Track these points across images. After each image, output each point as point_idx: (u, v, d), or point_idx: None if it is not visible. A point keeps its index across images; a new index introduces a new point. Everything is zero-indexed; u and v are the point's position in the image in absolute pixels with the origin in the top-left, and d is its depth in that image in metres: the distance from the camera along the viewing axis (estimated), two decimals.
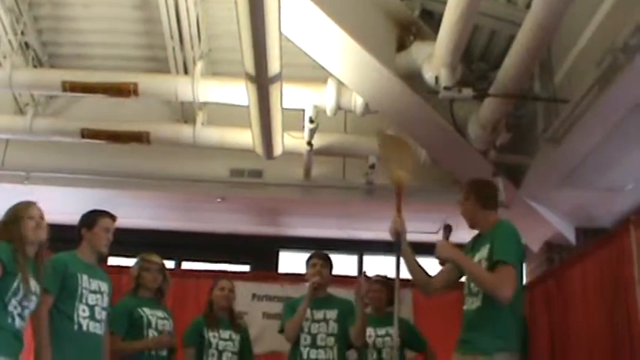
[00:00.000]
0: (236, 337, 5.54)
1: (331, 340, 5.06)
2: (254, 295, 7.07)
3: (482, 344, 3.80)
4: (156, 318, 5.13)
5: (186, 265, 8.32)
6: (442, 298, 5.00)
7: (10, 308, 3.78)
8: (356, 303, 5.11)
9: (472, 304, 3.98)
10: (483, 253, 3.96)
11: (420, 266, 4.34)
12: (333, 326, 5.09)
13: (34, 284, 3.89)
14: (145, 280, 5.23)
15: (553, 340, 6.14)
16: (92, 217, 4.65)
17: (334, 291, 5.43)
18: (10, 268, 3.78)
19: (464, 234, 4.30)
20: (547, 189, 6.28)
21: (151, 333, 5.08)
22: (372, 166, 7.17)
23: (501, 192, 6.27)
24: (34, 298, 3.88)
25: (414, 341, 5.72)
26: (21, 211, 3.98)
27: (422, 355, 5.78)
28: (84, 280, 4.46)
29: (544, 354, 6.19)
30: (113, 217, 4.69)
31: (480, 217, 4.16)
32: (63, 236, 4.53)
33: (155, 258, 5.34)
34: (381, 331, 5.64)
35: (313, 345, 5.05)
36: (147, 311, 5.11)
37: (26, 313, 3.86)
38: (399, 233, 4.44)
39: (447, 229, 4.30)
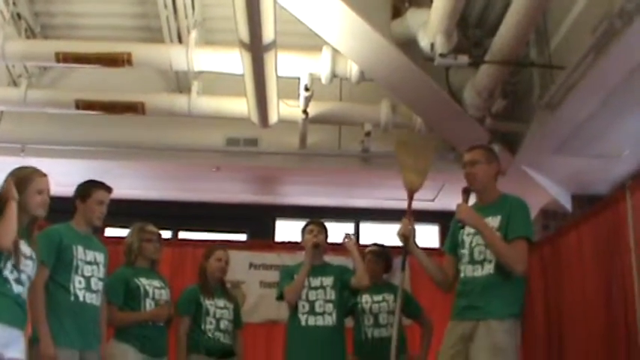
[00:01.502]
0: (230, 305, 5.58)
1: (329, 307, 5.08)
2: (251, 264, 7.09)
3: (495, 309, 3.87)
4: (153, 287, 5.13)
5: (182, 235, 8.33)
6: None
7: (6, 273, 3.73)
8: (350, 251, 5.19)
9: (480, 271, 4.02)
10: (492, 223, 4.01)
11: (434, 265, 4.40)
12: (330, 293, 5.11)
13: (27, 249, 3.86)
14: (146, 250, 5.22)
15: (548, 307, 6.18)
16: (86, 189, 4.60)
17: (330, 259, 5.44)
18: None
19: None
20: (543, 156, 6.28)
21: (149, 302, 5.09)
22: (368, 134, 7.16)
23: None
24: (29, 262, 3.84)
25: (409, 308, 5.75)
26: (29, 180, 3.88)
27: (418, 323, 5.81)
28: (79, 251, 4.45)
29: (539, 320, 6.24)
30: (108, 189, 4.64)
31: (490, 185, 4.20)
32: (59, 208, 4.53)
33: (153, 228, 5.34)
34: (378, 297, 5.67)
35: (312, 312, 5.06)
36: (144, 281, 5.12)
37: (23, 277, 3.80)
38: (406, 237, 4.48)
39: (466, 193, 4.23)
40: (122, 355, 4.91)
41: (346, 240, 5.30)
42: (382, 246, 5.93)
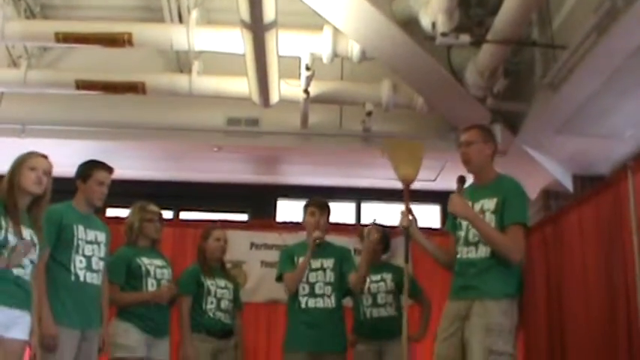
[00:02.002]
0: (230, 285, 5.59)
1: (329, 289, 5.07)
2: (252, 244, 7.11)
3: (491, 289, 3.88)
4: (154, 267, 5.14)
5: (184, 215, 8.34)
6: None
7: None
8: (364, 251, 5.11)
9: (474, 253, 4.03)
10: (488, 205, 4.01)
11: (438, 249, 4.42)
12: (330, 275, 5.10)
13: (28, 233, 3.87)
14: (148, 230, 5.23)
15: (549, 286, 6.19)
16: (87, 169, 4.60)
17: (332, 239, 5.42)
18: None
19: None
20: (544, 136, 6.27)
21: (150, 282, 5.10)
22: (369, 114, 7.13)
23: (498, 138, 6.28)
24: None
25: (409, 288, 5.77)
26: (23, 161, 3.92)
27: (417, 302, 5.83)
28: (79, 230, 4.46)
29: (541, 300, 6.25)
30: (109, 169, 4.63)
31: (487, 165, 4.17)
32: (60, 188, 4.53)
33: (155, 208, 5.33)
34: (376, 277, 5.70)
35: (312, 294, 5.06)
36: (145, 260, 5.12)
37: (25, 261, 3.84)
38: (407, 228, 4.47)
39: (461, 181, 4.19)
40: (124, 334, 4.93)
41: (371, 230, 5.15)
42: (381, 226, 5.93)
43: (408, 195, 4.73)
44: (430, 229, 4.46)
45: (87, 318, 4.42)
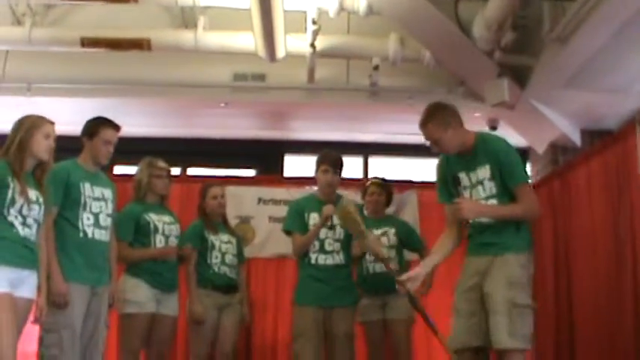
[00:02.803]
0: (233, 240, 5.64)
1: (338, 246, 5.09)
2: (260, 200, 7.11)
3: (511, 244, 3.88)
4: (162, 223, 5.18)
5: (191, 172, 8.34)
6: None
7: (11, 218, 3.81)
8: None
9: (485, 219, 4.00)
10: (483, 173, 3.96)
11: (445, 252, 4.20)
12: (340, 232, 5.10)
13: (34, 193, 3.91)
14: (156, 187, 5.25)
15: (557, 239, 6.21)
16: (93, 127, 4.59)
17: (340, 193, 5.42)
18: (3, 183, 3.80)
19: None
20: (552, 90, 6.23)
21: (159, 238, 5.14)
22: (376, 68, 7.09)
23: (506, 92, 6.26)
24: (35, 206, 3.90)
25: (411, 242, 5.80)
26: (36, 126, 3.96)
27: (421, 258, 5.84)
28: (86, 188, 4.48)
29: (548, 253, 6.27)
30: (116, 127, 4.62)
31: (460, 141, 4.02)
32: (67, 146, 4.54)
33: (163, 164, 5.35)
34: (379, 232, 5.70)
35: (322, 250, 5.07)
36: (153, 217, 5.16)
37: (30, 221, 3.87)
38: (409, 295, 4.17)
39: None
40: (133, 289, 5.00)
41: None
42: (384, 179, 5.95)
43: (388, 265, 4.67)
44: (433, 183, 4.37)
45: (96, 274, 4.47)
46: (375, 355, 5.68)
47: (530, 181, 4.06)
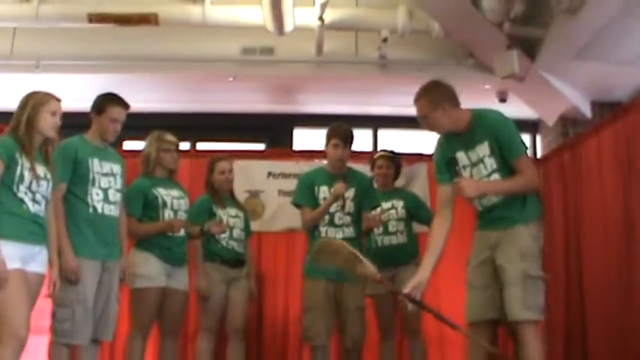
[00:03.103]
0: (241, 214, 5.64)
1: (348, 219, 5.11)
2: (269, 173, 7.10)
3: (520, 216, 3.90)
4: (171, 198, 5.18)
5: (200, 147, 8.35)
6: None
7: (20, 195, 3.83)
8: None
9: (491, 198, 4.00)
10: (483, 151, 3.94)
11: (439, 249, 4.08)
12: (350, 205, 5.12)
13: (42, 170, 3.93)
14: (164, 161, 5.24)
15: (567, 212, 6.20)
16: (102, 103, 4.59)
17: (350, 165, 5.41)
18: (12, 160, 3.81)
19: None
20: (563, 62, 6.20)
21: (167, 213, 5.14)
22: (385, 40, 7.06)
23: (515, 64, 6.22)
24: (43, 182, 3.91)
25: (420, 214, 5.80)
26: (43, 103, 3.97)
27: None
28: (95, 163, 4.50)
29: (558, 225, 6.27)
30: (125, 105, 4.61)
31: (455, 118, 4.00)
32: (75, 123, 4.55)
33: (172, 137, 5.33)
34: (387, 205, 5.72)
35: (331, 224, 5.09)
36: (162, 191, 5.16)
37: (39, 197, 3.90)
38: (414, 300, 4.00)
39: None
40: (144, 263, 5.01)
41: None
42: (392, 152, 5.95)
43: (389, 286, 4.53)
44: None
45: (107, 249, 4.51)
46: (386, 328, 5.70)
47: (527, 149, 4.00)
